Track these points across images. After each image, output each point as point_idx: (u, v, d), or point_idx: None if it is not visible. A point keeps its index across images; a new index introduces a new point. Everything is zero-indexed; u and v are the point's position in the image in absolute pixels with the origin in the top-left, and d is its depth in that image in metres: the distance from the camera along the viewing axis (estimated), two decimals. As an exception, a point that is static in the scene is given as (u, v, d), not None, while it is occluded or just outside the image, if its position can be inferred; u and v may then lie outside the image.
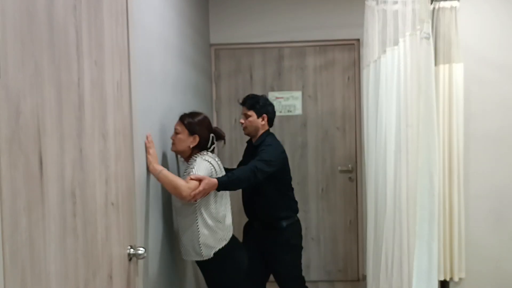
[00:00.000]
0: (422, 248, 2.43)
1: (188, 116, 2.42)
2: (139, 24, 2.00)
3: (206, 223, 2.33)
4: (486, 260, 3.70)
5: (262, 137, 2.89)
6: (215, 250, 2.36)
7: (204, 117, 2.46)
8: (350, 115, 4.26)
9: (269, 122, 2.94)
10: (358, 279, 4.31)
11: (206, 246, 2.34)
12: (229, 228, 2.47)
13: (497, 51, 3.65)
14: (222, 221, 2.41)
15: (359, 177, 4.25)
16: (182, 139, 2.38)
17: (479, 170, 3.67)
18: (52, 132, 1.13)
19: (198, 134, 2.38)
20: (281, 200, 2.89)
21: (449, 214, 3.52)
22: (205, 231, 2.33)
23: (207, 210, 2.35)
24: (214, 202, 2.38)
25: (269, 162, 2.66)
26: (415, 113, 2.48)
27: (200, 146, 2.41)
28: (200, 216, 2.33)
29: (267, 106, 2.91)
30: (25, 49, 1.01)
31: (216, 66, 4.29)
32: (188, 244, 2.38)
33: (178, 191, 2.18)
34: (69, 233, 1.22)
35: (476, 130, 3.66)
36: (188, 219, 2.35)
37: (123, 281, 1.67)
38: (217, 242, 2.37)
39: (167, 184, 2.20)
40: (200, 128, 2.39)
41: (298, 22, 4.17)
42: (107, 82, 1.53)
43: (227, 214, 2.47)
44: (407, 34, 2.56)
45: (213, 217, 2.36)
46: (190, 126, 2.38)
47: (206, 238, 2.33)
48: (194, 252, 2.37)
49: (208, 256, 2.36)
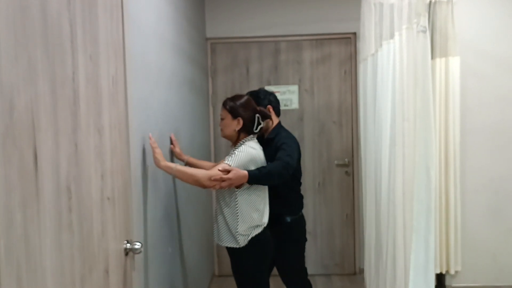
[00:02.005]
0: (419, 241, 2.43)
1: (230, 100, 2.44)
2: (134, 18, 1.98)
3: (246, 210, 2.35)
4: (482, 253, 3.72)
5: (275, 129, 2.83)
6: (250, 237, 2.37)
7: (247, 99, 2.47)
8: (346, 109, 4.26)
9: (275, 111, 2.89)
10: (354, 272, 4.32)
11: (242, 234, 2.35)
12: (265, 217, 2.47)
13: (494, 45, 3.65)
14: (261, 209, 2.42)
15: (355, 171, 4.25)
16: (227, 124, 2.42)
17: (476, 164, 3.69)
18: (47, 127, 1.12)
19: (241, 117, 2.39)
20: (288, 195, 2.87)
21: (445, 207, 3.54)
22: (244, 218, 2.35)
23: (249, 198, 2.36)
24: (255, 190, 2.39)
25: (294, 157, 2.60)
26: (411, 107, 2.48)
27: (246, 129, 2.42)
28: (241, 203, 2.34)
29: (268, 97, 2.87)
30: (18, 44, 1.00)
31: (212, 60, 4.28)
32: (224, 230, 2.39)
33: (199, 182, 2.21)
34: (65, 228, 1.21)
35: (473, 123, 3.67)
36: (228, 204, 2.36)
37: (119, 276, 1.67)
38: (252, 229, 2.38)
39: (186, 178, 2.23)
40: (243, 110, 2.40)
41: (295, 15, 4.16)
42: (102, 77, 1.52)
43: (266, 203, 2.48)
44: (403, 28, 2.55)
45: (254, 205, 2.38)
46: (233, 109, 2.40)
47: (244, 226, 2.35)
48: (230, 239, 2.38)
49: (243, 243, 2.37)
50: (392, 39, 2.71)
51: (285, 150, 2.60)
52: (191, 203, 3.20)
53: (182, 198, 2.92)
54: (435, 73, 3.42)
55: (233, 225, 2.36)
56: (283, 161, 2.51)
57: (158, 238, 2.33)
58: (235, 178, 2.24)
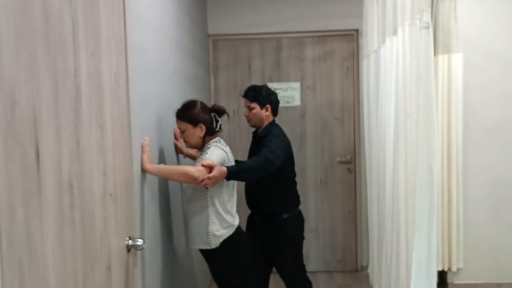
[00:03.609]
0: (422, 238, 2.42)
1: (183, 110, 2.39)
2: (136, 14, 1.97)
3: (217, 211, 2.33)
4: (484, 251, 3.71)
5: (267, 128, 2.84)
6: (222, 239, 2.35)
7: (198, 103, 2.43)
8: (348, 106, 4.25)
9: (273, 111, 2.90)
10: (356, 269, 4.32)
11: (214, 235, 2.33)
12: (236, 218, 2.47)
13: (497, 41, 3.63)
14: (231, 210, 2.41)
15: (357, 168, 4.24)
16: (190, 134, 2.37)
17: (478, 161, 3.67)
18: (49, 123, 1.12)
19: (202, 122, 2.36)
20: (280, 194, 2.85)
21: (447, 204, 3.53)
22: (214, 219, 2.33)
23: (220, 198, 2.34)
24: (226, 190, 2.37)
25: (278, 154, 2.58)
26: (414, 103, 2.47)
27: (209, 131, 2.40)
28: (212, 204, 2.32)
29: (270, 96, 2.87)
30: (20, 39, 1.00)
31: (214, 57, 4.27)
32: (196, 232, 2.37)
33: (189, 175, 2.15)
34: (67, 224, 1.21)
35: (475, 120, 3.66)
36: (199, 205, 2.34)
37: (121, 272, 1.67)
38: (224, 231, 2.36)
39: (174, 175, 2.19)
40: (201, 116, 2.37)
41: (297, 12, 4.14)
42: (104, 73, 1.52)
43: (234, 203, 2.47)
44: (406, 24, 2.54)
45: (224, 206, 2.36)
46: (192, 118, 2.35)
47: (215, 226, 2.33)
48: (202, 240, 2.36)
49: (215, 245, 2.35)
50: (395, 35, 2.69)
51: (268, 147, 2.60)
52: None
53: (183, 195, 2.91)
54: (437, 69, 3.41)
55: (204, 226, 2.33)
56: (262, 157, 2.51)
57: (160, 235, 2.33)
58: (218, 175, 2.20)
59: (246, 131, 4.10)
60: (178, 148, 2.67)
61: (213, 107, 2.48)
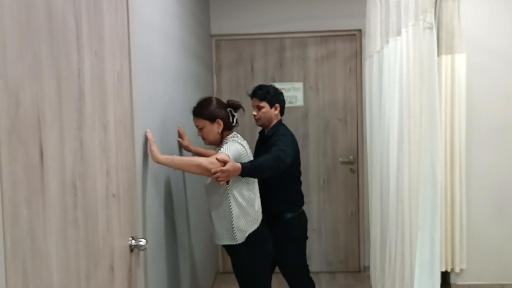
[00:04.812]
0: (425, 239, 2.42)
1: (200, 108, 2.41)
2: (139, 14, 1.98)
3: (238, 202, 2.34)
4: (487, 251, 3.70)
5: (275, 127, 2.85)
6: (248, 233, 2.36)
7: (213, 99, 2.46)
8: (351, 106, 4.24)
9: (281, 111, 2.91)
10: (359, 270, 4.31)
11: (239, 229, 2.34)
12: (259, 212, 2.47)
13: (500, 42, 3.62)
14: (253, 204, 2.41)
15: (360, 169, 4.24)
16: (209, 131, 2.39)
17: (481, 161, 3.66)
18: (52, 123, 1.12)
19: (219, 118, 2.38)
20: (286, 193, 2.86)
21: (451, 205, 3.52)
22: (237, 210, 2.33)
23: (240, 191, 2.35)
24: (246, 184, 2.38)
25: (288, 153, 2.60)
26: (417, 103, 2.46)
27: (226, 126, 2.42)
28: (232, 196, 2.33)
29: (278, 95, 2.89)
30: (24, 40, 1.00)
31: (217, 57, 4.27)
32: (221, 227, 2.37)
33: (202, 167, 2.15)
34: (70, 224, 1.21)
35: (479, 121, 3.65)
36: (221, 200, 2.35)
37: (124, 272, 1.67)
38: (249, 224, 2.37)
39: (187, 166, 2.19)
40: (217, 112, 2.39)
41: (299, 12, 4.14)
42: (108, 73, 1.52)
43: (257, 198, 2.48)
44: (409, 24, 2.53)
45: (245, 199, 2.37)
46: (210, 115, 2.38)
47: (239, 219, 2.33)
48: (228, 236, 2.37)
49: (241, 240, 2.36)
50: (399, 36, 2.69)
51: (278, 145, 2.62)
52: (196, 199, 3.20)
53: (187, 195, 2.92)
54: (441, 70, 3.40)
55: (228, 221, 2.34)
56: (274, 155, 2.52)
57: (163, 235, 2.33)
58: (232, 170, 2.21)
59: (248, 131, 4.10)
60: (185, 145, 2.68)
61: (228, 102, 2.50)
